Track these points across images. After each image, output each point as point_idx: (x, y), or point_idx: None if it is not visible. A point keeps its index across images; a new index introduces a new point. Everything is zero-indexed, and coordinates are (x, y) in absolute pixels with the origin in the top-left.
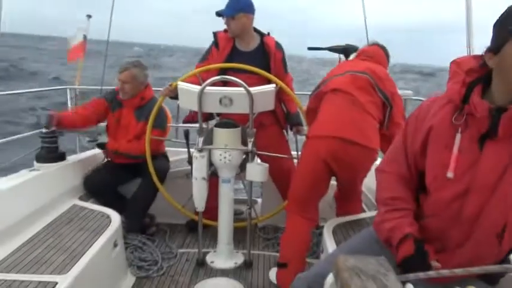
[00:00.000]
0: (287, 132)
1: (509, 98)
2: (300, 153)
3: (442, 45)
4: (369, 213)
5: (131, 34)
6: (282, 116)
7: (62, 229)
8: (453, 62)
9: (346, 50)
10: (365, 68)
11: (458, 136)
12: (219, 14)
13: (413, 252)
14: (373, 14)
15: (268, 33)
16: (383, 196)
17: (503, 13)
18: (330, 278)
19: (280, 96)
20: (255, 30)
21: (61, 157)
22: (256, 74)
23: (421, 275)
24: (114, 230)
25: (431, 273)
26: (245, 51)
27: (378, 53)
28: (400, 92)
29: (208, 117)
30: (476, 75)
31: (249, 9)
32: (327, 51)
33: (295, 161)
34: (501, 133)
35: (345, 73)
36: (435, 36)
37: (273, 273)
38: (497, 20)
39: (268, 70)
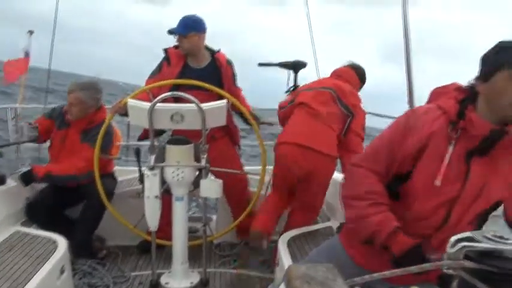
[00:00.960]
0: (239, 147)
1: (493, 119)
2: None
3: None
4: (322, 225)
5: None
6: (235, 132)
7: (3, 257)
8: (435, 88)
9: (295, 66)
10: (331, 84)
11: (450, 148)
12: (171, 32)
13: (413, 244)
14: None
15: (219, 50)
16: (359, 190)
17: (495, 47)
18: (281, 287)
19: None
20: (206, 48)
21: (0, 180)
22: (208, 90)
23: (366, 277)
24: (61, 255)
25: (375, 275)
26: (197, 68)
27: (346, 73)
28: None
29: (160, 132)
30: (463, 95)
31: (201, 29)
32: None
33: (249, 176)
34: (494, 153)
35: (312, 89)
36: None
37: None
38: (487, 53)
39: (221, 86)
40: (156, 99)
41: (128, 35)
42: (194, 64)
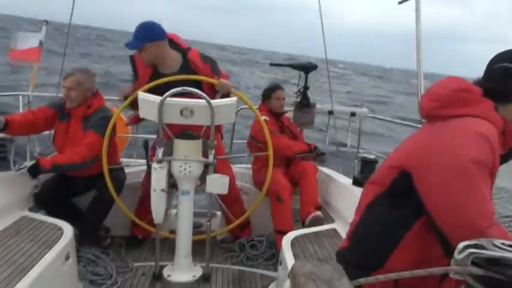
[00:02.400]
0: (222, 137)
1: None
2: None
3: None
4: (326, 226)
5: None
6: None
7: (9, 241)
8: (461, 89)
9: (306, 67)
10: None
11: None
12: (127, 45)
13: None
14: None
15: (189, 48)
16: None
17: None
18: (287, 284)
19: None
20: (175, 49)
21: (10, 166)
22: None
23: (370, 278)
24: (66, 242)
25: (381, 277)
26: (168, 74)
27: None
28: (357, 110)
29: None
30: (492, 102)
31: (157, 37)
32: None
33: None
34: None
35: None
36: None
37: None
38: None
39: (199, 86)
40: (166, 94)
41: None
42: (164, 70)
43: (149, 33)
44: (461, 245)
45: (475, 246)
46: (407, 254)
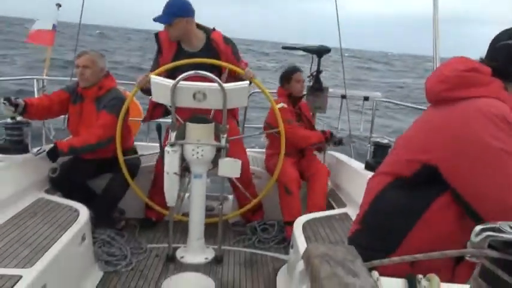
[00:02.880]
0: (238, 123)
1: None
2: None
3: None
4: (338, 210)
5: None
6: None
7: (26, 222)
8: (470, 70)
9: (319, 51)
10: None
11: None
12: (156, 20)
13: None
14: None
15: (214, 29)
16: None
17: None
18: (300, 265)
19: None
20: (200, 27)
21: (27, 149)
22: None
23: (385, 261)
24: (82, 224)
25: (395, 259)
26: (192, 52)
27: None
28: (370, 94)
29: (165, 112)
30: (500, 82)
31: (186, 13)
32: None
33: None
34: None
35: None
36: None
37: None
38: None
39: (220, 70)
40: (178, 78)
41: None
42: (188, 47)
43: (179, 10)
44: (478, 227)
45: (492, 229)
46: (422, 237)
